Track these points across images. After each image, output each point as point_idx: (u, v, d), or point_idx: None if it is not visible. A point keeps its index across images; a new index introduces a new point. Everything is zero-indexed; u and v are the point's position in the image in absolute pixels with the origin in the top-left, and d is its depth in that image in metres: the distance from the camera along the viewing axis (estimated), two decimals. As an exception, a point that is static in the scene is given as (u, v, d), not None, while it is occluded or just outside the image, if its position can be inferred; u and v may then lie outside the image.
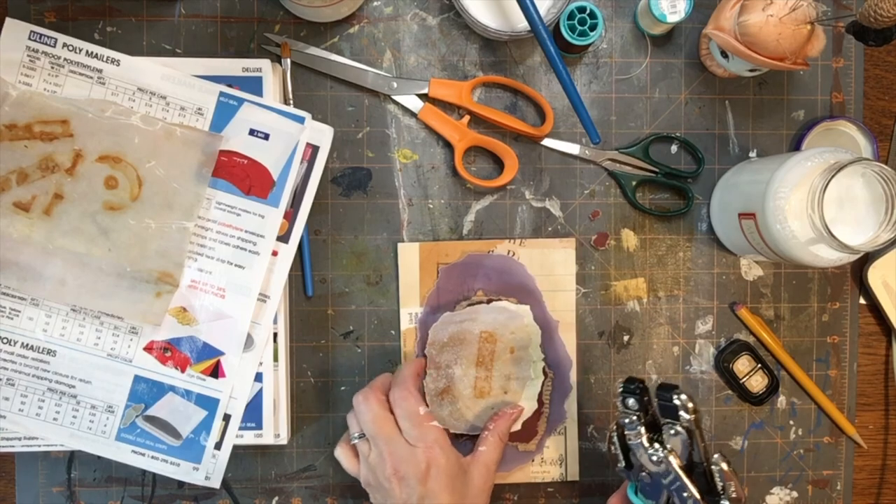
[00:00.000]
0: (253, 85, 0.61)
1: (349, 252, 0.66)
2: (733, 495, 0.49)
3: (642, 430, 0.52)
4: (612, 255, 0.67)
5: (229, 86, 0.61)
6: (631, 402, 0.52)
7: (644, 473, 0.52)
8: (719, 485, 0.49)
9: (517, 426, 0.63)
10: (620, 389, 0.53)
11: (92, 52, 0.60)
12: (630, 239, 0.67)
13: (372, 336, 0.66)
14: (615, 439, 0.53)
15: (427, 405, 0.59)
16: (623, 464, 0.54)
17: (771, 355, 0.68)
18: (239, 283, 0.61)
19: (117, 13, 0.64)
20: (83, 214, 0.59)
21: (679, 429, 0.50)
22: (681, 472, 0.50)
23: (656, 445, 0.51)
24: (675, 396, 0.50)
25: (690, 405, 0.50)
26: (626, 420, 0.52)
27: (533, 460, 0.66)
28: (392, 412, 0.57)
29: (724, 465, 0.49)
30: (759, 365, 0.67)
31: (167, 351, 0.61)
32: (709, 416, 0.68)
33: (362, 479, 0.58)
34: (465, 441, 0.63)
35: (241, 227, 0.61)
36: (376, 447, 0.56)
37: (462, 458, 0.58)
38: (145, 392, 0.61)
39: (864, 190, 0.56)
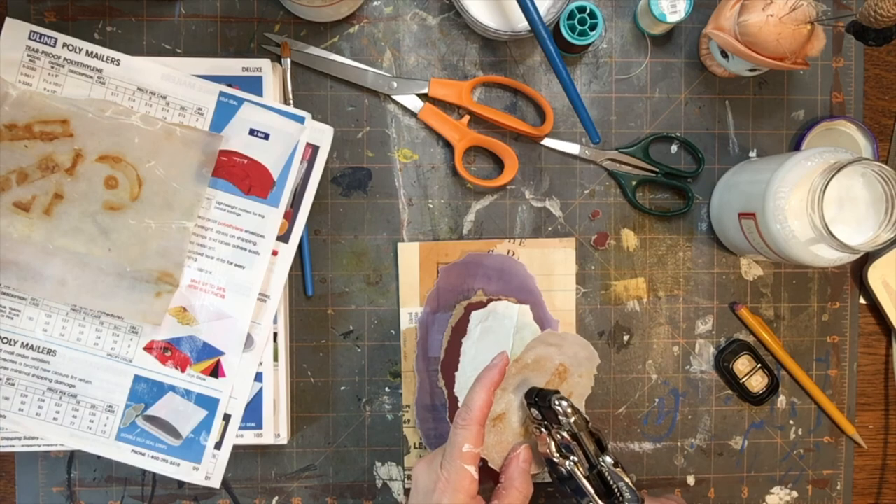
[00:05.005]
0: (253, 85, 0.61)
1: (349, 252, 0.66)
2: (628, 495, 0.49)
3: (549, 440, 0.51)
4: (612, 254, 0.67)
5: (229, 86, 0.61)
6: (535, 412, 0.52)
7: (565, 486, 0.52)
8: (613, 485, 0.49)
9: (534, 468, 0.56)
10: (525, 399, 0.53)
11: (92, 52, 0.60)
12: (630, 239, 0.67)
13: (372, 336, 0.66)
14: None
15: (476, 444, 0.51)
16: (549, 470, 0.53)
17: (771, 355, 0.68)
18: (239, 283, 0.61)
19: (117, 13, 0.64)
20: (83, 214, 0.59)
21: (564, 434, 0.50)
22: (581, 477, 0.50)
23: (563, 450, 0.51)
24: (554, 403, 0.50)
25: (570, 409, 0.49)
26: (537, 431, 0.52)
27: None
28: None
29: (612, 464, 0.49)
30: (759, 365, 0.67)
31: (167, 351, 0.61)
32: (709, 416, 0.68)
33: None
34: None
35: (241, 227, 0.61)
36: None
37: None
38: (145, 392, 0.61)
39: (864, 190, 0.56)
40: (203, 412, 0.61)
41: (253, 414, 0.62)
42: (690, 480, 0.68)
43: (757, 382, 0.67)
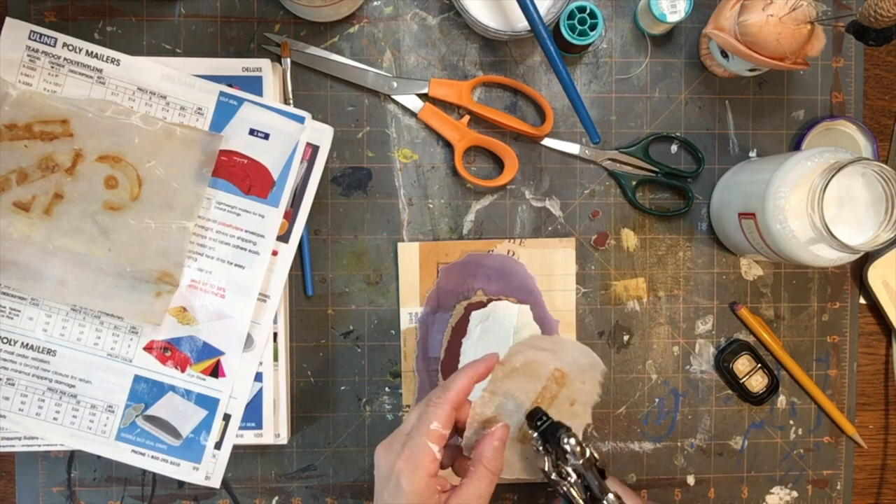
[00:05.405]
0: (253, 85, 0.61)
1: (349, 252, 0.66)
2: None
3: (547, 460, 0.50)
4: (612, 254, 0.67)
5: (229, 85, 0.61)
6: (535, 435, 0.51)
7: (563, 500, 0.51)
8: None
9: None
10: (526, 419, 0.52)
11: (92, 52, 0.60)
12: (630, 239, 0.67)
13: (372, 336, 0.66)
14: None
15: (445, 425, 0.49)
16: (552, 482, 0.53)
17: (771, 355, 0.68)
18: (239, 283, 0.61)
19: (117, 13, 0.64)
20: (83, 214, 0.59)
21: (569, 470, 0.49)
22: (576, 498, 0.49)
23: (563, 474, 0.50)
24: (563, 440, 0.49)
25: (578, 449, 0.48)
26: (534, 450, 0.51)
27: (533, 460, 0.66)
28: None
29: (613, 499, 0.48)
30: (759, 365, 0.67)
31: (167, 351, 0.61)
32: (709, 416, 0.68)
33: None
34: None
35: (241, 227, 0.61)
36: None
37: (438, 490, 0.48)
38: (145, 392, 0.61)
39: (864, 190, 0.56)
40: (203, 412, 0.61)
41: (253, 414, 0.62)
42: (690, 480, 0.68)
43: (757, 382, 0.67)
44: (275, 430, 0.63)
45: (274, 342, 0.63)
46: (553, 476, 0.50)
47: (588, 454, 0.49)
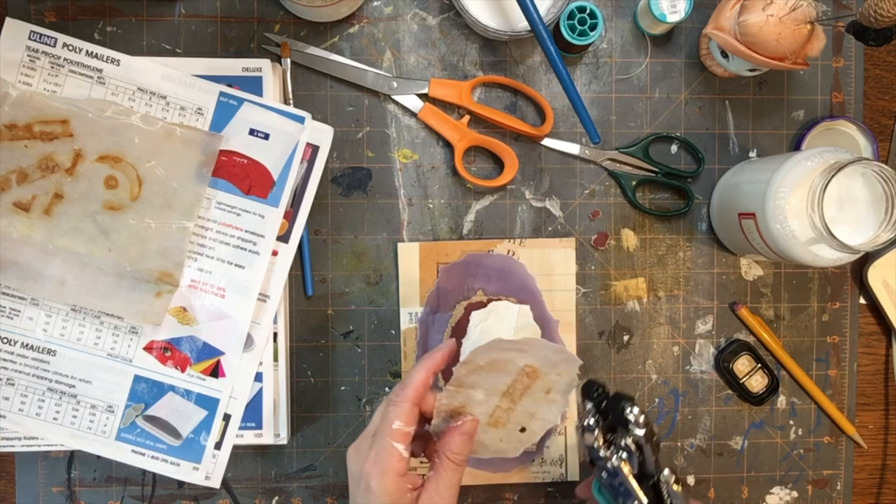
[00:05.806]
0: (253, 85, 0.61)
1: (349, 252, 0.66)
2: None
3: (598, 433, 0.50)
4: (612, 254, 0.67)
5: (229, 85, 0.61)
6: (589, 405, 0.51)
7: (604, 474, 0.51)
8: (667, 500, 0.48)
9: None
10: (582, 391, 0.52)
11: (92, 52, 0.60)
12: (630, 239, 0.67)
13: (372, 336, 0.66)
14: (581, 435, 0.52)
15: (408, 422, 0.49)
16: (588, 459, 0.52)
17: (771, 355, 0.68)
18: (239, 283, 0.61)
19: (117, 13, 0.64)
20: (83, 214, 0.59)
21: (629, 441, 0.49)
22: (632, 481, 0.49)
23: (612, 449, 0.50)
24: (627, 410, 0.49)
25: (642, 419, 0.48)
26: (585, 422, 0.51)
27: (533, 460, 0.66)
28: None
29: (672, 481, 0.48)
30: (759, 365, 0.67)
31: (167, 351, 0.61)
32: (709, 416, 0.68)
33: None
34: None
35: (241, 227, 0.61)
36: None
37: (409, 489, 0.49)
38: (145, 392, 0.61)
39: (864, 190, 0.56)
40: (203, 412, 0.61)
41: (253, 414, 0.62)
42: (690, 480, 0.68)
43: (757, 382, 0.67)
44: (275, 430, 0.63)
45: (274, 342, 0.63)
46: (602, 452, 0.50)
47: (650, 425, 0.49)
